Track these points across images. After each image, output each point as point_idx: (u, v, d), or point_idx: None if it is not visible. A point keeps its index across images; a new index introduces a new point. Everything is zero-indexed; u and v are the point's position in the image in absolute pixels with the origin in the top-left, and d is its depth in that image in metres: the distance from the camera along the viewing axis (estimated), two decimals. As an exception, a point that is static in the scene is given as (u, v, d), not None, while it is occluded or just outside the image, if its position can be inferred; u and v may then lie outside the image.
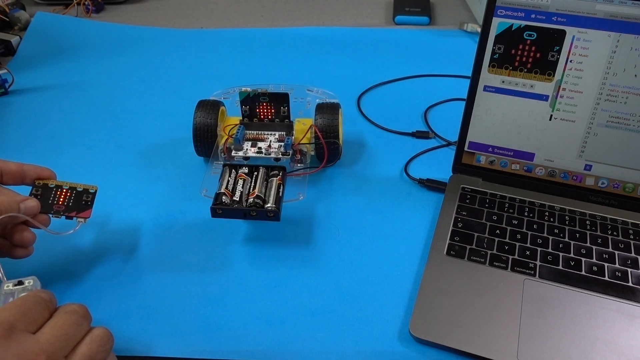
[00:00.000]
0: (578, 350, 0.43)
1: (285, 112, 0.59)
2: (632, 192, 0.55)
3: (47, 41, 0.90)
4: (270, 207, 0.50)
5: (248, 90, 0.58)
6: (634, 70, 0.50)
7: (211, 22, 0.99)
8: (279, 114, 0.60)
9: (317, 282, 0.50)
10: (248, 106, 0.59)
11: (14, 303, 0.34)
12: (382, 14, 1.01)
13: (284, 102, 0.59)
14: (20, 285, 0.38)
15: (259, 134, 0.60)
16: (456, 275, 0.49)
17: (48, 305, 0.35)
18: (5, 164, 0.46)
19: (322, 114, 0.59)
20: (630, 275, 0.48)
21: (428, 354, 0.44)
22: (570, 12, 0.50)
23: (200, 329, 0.46)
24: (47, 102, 0.75)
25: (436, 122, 0.71)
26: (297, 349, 0.44)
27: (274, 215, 0.50)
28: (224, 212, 0.50)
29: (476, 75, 0.55)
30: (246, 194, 0.51)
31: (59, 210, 0.47)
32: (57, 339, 0.33)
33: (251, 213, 0.50)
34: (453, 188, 0.58)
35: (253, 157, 0.57)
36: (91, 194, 0.48)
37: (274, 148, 0.58)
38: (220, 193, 0.51)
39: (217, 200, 0.50)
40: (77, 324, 0.35)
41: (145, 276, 0.50)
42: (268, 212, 0.50)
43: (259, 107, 0.59)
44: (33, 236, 0.45)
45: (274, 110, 0.59)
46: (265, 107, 0.59)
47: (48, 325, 0.34)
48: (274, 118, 0.60)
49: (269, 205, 0.50)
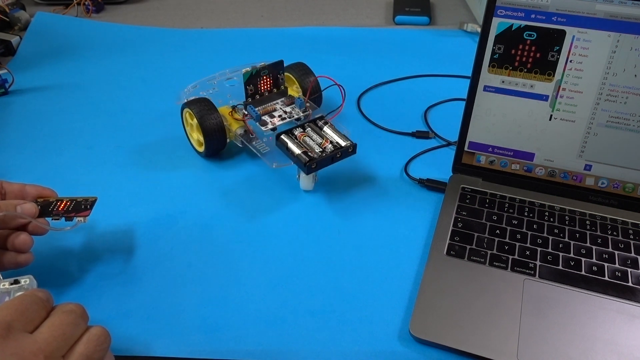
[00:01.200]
0: (578, 350, 0.43)
1: (282, 78, 0.64)
2: (632, 192, 0.55)
3: (47, 41, 0.90)
4: (347, 144, 0.57)
5: (249, 70, 0.62)
6: (634, 70, 0.50)
7: (211, 22, 0.99)
8: (277, 82, 0.64)
9: (317, 282, 0.50)
10: (251, 84, 0.62)
11: (11, 302, 0.34)
12: (382, 14, 1.01)
13: (280, 69, 0.64)
14: (16, 284, 0.38)
15: (266, 107, 0.63)
16: (456, 275, 0.49)
17: (45, 304, 0.35)
18: (9, 184, 0.47)
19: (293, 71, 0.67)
20: (630, 275, 0.48)
21: (428, 354, 0.44)
22: (570, 12, 0.50)
23: (200, 329, 0.46)
24: (47, 102, 0.75)
25: (436, 122, 0.71)
26: (297, 349, 0.44)
27: (353, 148, 0.57)
28: (317, 164, 0.55)
29: (476, 75, 0.55)
30: (319, 144, 0.57)
31: (58, 214, 0.47)
32: (55, 339, 0.33)
33: (337, 155, 0.56)
34: (453, 188, 0.58)
35: (280, 126, 0.61)
36: (90, 202, 0.49)
37: (289, 111, 0.63)
38: (303, 152, 0.55)
39: (307, 157, 0.54)
40: (75, 324, 0.35)
41: (145, 276, 0.50)
42: (348, 148, 0.56)
43: (260, 82, 0.63)
44: (31, 240, 0.45)
45: (272, 80, 0.64)
46: (266, 80, 0.63)
47: (45, 324, 0.34)
48: (271, 88, 0.64)
49: (345, 144, 0.57)
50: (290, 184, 0.60)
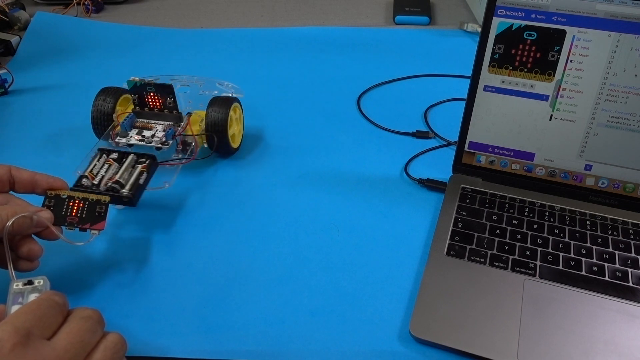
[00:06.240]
0: (578, 351, 0.43)
1: (172, 104, 0.60)
2: (632, 192, 0.55)
3: (47, 41, 0.90)
4: (125, 193, 0.51)
5: (136, 80, 0.60)
6: (634, 70, 0.50)
7: (211, 22, 0.99)
8: (166, 104, 0.61)
9: (317, 282, 0.50)
10: (137, 95, 0.60)
11: (29, 307, 0.34)
12: (382, 14, 1.01)
13: (169, 93, 0.60)
14: (30, 284, 0.37)
15: (148, 123, 0.61)
16: (456, 275, 0.49)
17: (62, 309, 0.35)
18: (18, 171, 0.46)
19: (213, 107, 0.60)
20: (631, 275, 0.48)
21: (428, 354, 0.44)
22: (571, 12, 0.50)
23: (200, 329, 0.46)
24: (47, 102, 0.75)
25: (436, 122, 0.71)
26: (297, 349, 0.44)
27: (128, 200, 0.51)
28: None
29: (476, 75, 0.55)
30: (108, 178, 0.52)
31: (72, 222, 0.47)
32: (73, 346, 0.33)
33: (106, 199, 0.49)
34: (453, 188, 0.58)
35: (136, 145, 0.58)
36: (104, 205, 0.48)
37: (157, 137, 0.59)
38: (83, 175, 0.51)
39: (78, 182, 0.51)
40: (92, 330, 0.34)
41: (145, 276, 0.50)
42: (123, 197, 0.50)
43: (147, 97, 0.60)
44: (40, 250, 0.44)
45: (161, 100, 0.60)
46: (153, 97, 0.60)
47: (63, 331, 0.34)
48: (162, 108, 0.61)
49: (124, 191, 0.51)
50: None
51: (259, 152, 0.66)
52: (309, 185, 0.61)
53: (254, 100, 0.74)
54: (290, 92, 0.78)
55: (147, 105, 0.61)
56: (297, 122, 0.71)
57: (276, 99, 0.76)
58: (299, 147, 0.67)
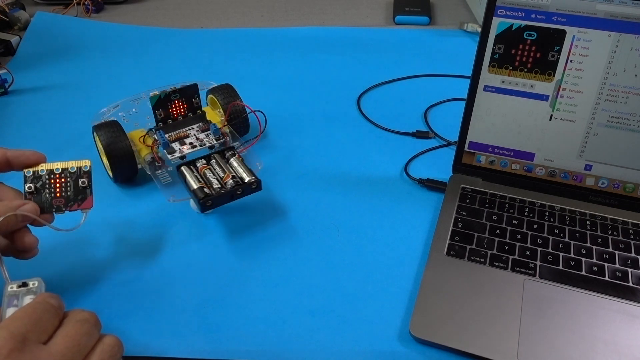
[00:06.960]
0: (578, 351, 0.43)
1: (198, 103, 0.60)
2: (632, 192, 0.55)
3: (47, 41, 0.90)
4: (251, 180, 0.52)
5: (157, 94, 0.58)
6: (634, 70, 0.50)
7: (211, 22, 0.99)
8: (191, 106, 0.60)
9: (317, 282, 0.50)
10: (161, 109, 0.58)
11: (24, 312, 0.33)
12: (382, 14, 1.01)
13: (194, 93, 0.60)
14: (24, 287, 0.37)
15: (179, 133, 0.59)
16: (456, 275, 0.49)
17: (57, 311, 0.35)
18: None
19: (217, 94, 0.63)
20: (631, 275, 0.48)
21: (428, 354, 0.44)
22: (571, 12, 0.50)
23: (200, 329, 0.46)
24: (47, 102, 0.75)
25: (436, 122, 0.71)
26: (297, 349, 0.44)
27: (257, 185, 0.52)
28: (213, 202, 0.51)
29: (476, 75, 0.55)
30: (220, 179, 0.52)
31: (60, 206, 0.46)
32: (69, 350, 0.33)
33: (237, 192, 0.51)
34: (453, 188, 0.58)
35: (189, 154, 0.57)
36: (86, 173, 0.46)
37: (202, 139, 0.59)
38: (199, 188, 0.51)
39: (202, 194, 0.50)
40: (89, 334, 0.34)
41: (144, 276, 0.50)
42: (251, 185, 0.52)
43: (171, 107, 0.59)
44: (35, 240, 0.44)
45: (186, 104, 0.60)
46: (177, 104, 0.59)
47: (59, 335, 0.33)
48: (186, 113, 0.60)
49: (249, 179, 0.52)
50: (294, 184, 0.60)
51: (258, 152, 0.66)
52: (309, 185, 0.61)
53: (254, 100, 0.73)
54: (290, 92, 0.78)
55: (170, 117, 0.59)
56: (297, 122, 0.71)
57: (276, 99, 0.76)
58: (299, 147, 0.67)
